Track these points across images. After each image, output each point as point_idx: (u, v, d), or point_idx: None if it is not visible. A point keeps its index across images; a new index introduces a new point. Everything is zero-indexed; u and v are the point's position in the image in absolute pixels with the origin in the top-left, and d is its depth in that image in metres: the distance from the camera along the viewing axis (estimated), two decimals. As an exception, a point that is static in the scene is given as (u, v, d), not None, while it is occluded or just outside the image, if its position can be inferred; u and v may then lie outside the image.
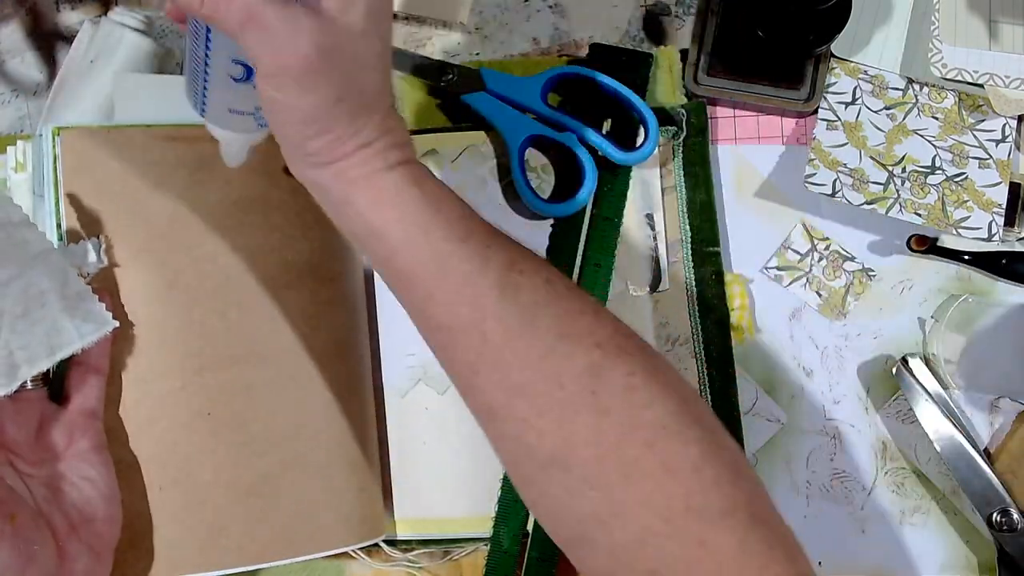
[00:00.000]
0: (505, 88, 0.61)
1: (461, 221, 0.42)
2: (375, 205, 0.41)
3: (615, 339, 0.42)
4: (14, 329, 0.46)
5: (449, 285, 0.41)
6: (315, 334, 0.56)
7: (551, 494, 0.41)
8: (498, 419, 0.42)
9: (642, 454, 0.40)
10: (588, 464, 0.40)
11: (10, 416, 0.48)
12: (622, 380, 0.41)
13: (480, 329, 0.41)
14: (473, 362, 0.42)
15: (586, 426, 0.40)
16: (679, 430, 0.40)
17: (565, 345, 0.41)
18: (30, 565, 0.45)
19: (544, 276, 0.42)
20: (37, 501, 0.48)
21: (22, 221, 0.49)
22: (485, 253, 0.41)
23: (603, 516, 0.40)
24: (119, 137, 0.53)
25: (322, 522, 0.55)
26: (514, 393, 0.41)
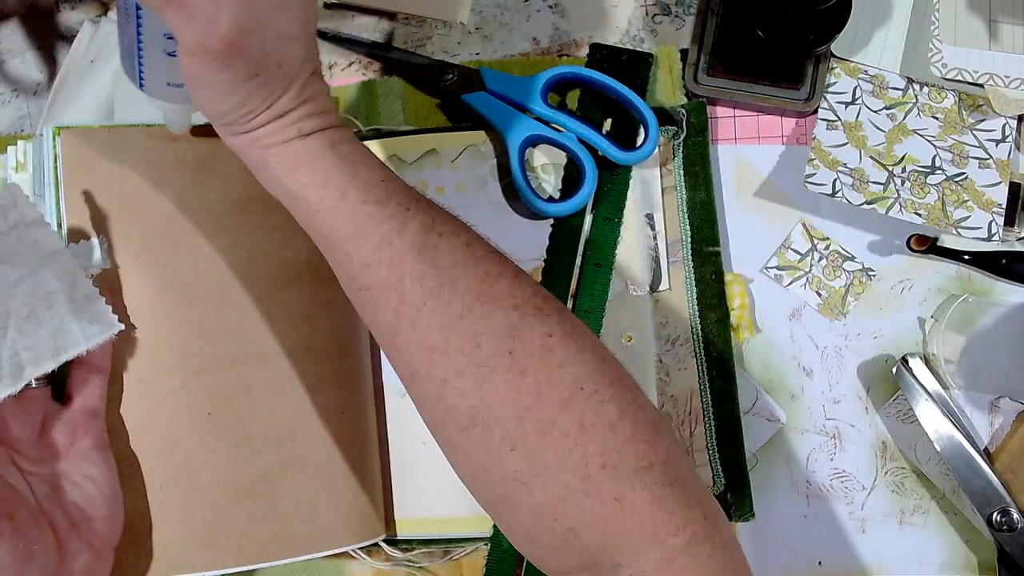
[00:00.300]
0: (505, 88, 0.61)
1: (380, 184, 0.42)
2: (290, 170, 0.42)
3: (533, 301, 0.43)
4: (20, 330, 0.46)
5: (367, 246, 0.42)
6: (315, 334, 0.56)
7: (474, 455, 0.42)
8: (418, 379, 0.43)
9: (559, 413, 0.41)
10: (507, 423, 0.41)
11: (14, 414, 0.48)
12: (539, 340, 0.41)
13: (398, 289, 0.42)
14: (392, 322, 0.42)
15: (504, 386, 0.41)
16: (596, 389, 0.41)
17: (483, 306, 0.41)
18: (29, 563, 0.45)
19: (464, 239, 0.43)
20: (38, 499, 0.48)
21: (35, 220, 0.49)
22: (404, 215, 0.42)
23: (524, 476, 0.41)
24: (119, 137, 0.53)
25: (322, 522, 0.55)
26: (433, 352, 0.42)
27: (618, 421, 0.41)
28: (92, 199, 0.52)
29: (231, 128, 0.42)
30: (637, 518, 0.40)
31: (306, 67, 0.42)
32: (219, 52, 0.38)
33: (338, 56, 0.65)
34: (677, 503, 0.41)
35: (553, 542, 0.42)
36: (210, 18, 0.37)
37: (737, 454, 0.59)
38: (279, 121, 0.42)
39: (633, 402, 0.42)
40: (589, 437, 0.41)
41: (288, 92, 0.41)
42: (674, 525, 0.41)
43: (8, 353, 0.46)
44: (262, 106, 0.41)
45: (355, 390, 0.58)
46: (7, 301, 0.47)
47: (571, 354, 0.42)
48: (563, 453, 0.41)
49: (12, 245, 0.48)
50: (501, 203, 0.62)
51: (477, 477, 0.44)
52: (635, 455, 0.41)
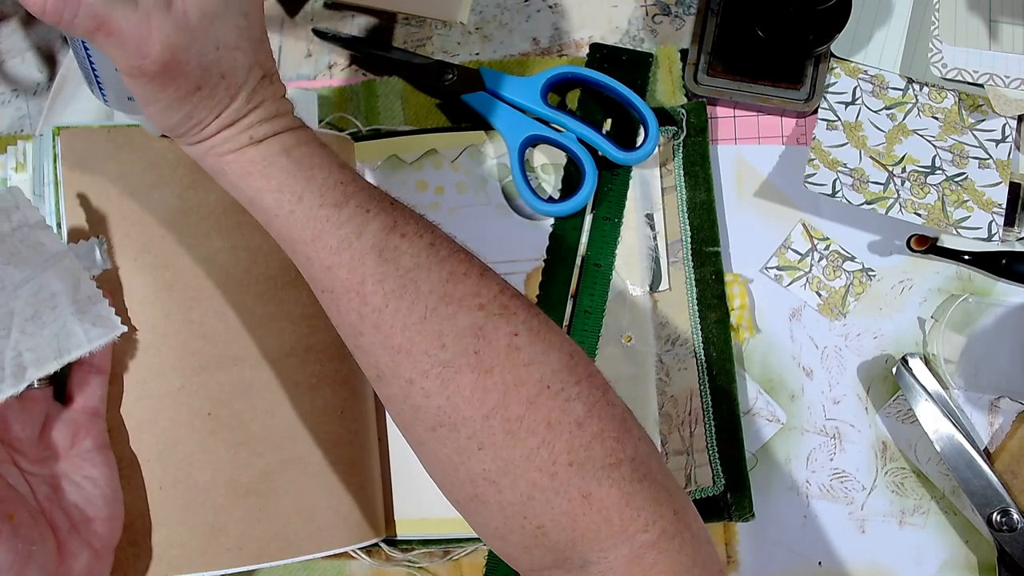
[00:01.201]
0: (505, 88, 0.61)
1: (337, 187, 0.42)
2: (245, 177, 0.42)
3: (499, 299, 0.42)
4: (24, 331, 0.47)
5: (325, 249, 0.42)
6: (315, 334, 0.56)
7: (442, 455, 0.42)
8: (385, 380, 0.43)
9: (526, 412, 0.41)
10: (474, 423, 0.41)
11: (15, 414, 0.48)
12: (505, 339, 0.41)
13: (360, 292, 0.42)
14: (356, 324, 0.42)
15: (470, 385, 0.41)
16: (562, 387, 0.41)
17: (447, 306, 0.41)
18: (29, 563, 0.45)
19: (428, 240, 0.43)
20: (39, 499, 0.48)
21: (38, 223, 0.49)
22: (363, 217, 0.42)
23: (492, 475, 0.41)
24: (119, 137, 0.53)
25: (322, 522, 0.55)
26: (397, 353, 0.41)
27: (585, 419, 0.41)
28: (92, 199, 0.52)
29: (184, 139, 0.43)
30: (605, 515, 0.40)
31: (254, 73, 0.42)
32: (155, 73, 0.38)
33: (338, 56, 0.65)
34: (646, 499, 0.41)
35: (523, 540, 0.42)
36: (141, 42, 0.37)
37: (737, 454, 0.59)
38: (229, 130, 0.42)
39: (601, 399, 0.42)
40: (556, 435, 0.41)
41: (235, 101, 0.41)
42: (643, 521, 0.41)
43: (11, 354, 0.46)
44: (210, 116, 0.41)
45: (355, 390, 0.58)
46: (10, 302, 0.47)
47: (537, 352, 0.42)
48: (530, 451, 0.41)
49: (15, 247, 0.48)
50: (501, 203, 0.62)
51: (446, 476, 0.43)
52: (603, 452, 0.41)
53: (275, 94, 0.43)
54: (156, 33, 0.37)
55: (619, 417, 0.43)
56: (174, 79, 0.39)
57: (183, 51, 0.38)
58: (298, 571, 0.60)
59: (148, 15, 0.37)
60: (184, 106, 0.40)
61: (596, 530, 0.41)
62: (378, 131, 0.63)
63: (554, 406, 0.41)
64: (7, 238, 0.48)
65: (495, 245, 0.61)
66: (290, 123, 0.43)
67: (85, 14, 0.37)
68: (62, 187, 0.52)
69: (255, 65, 0.41)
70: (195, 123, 0.41)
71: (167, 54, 0.38)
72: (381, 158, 0.62)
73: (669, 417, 0.60)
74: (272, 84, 0.43)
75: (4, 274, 0.47)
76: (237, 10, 0.40)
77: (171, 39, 0.38)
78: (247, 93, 0.41)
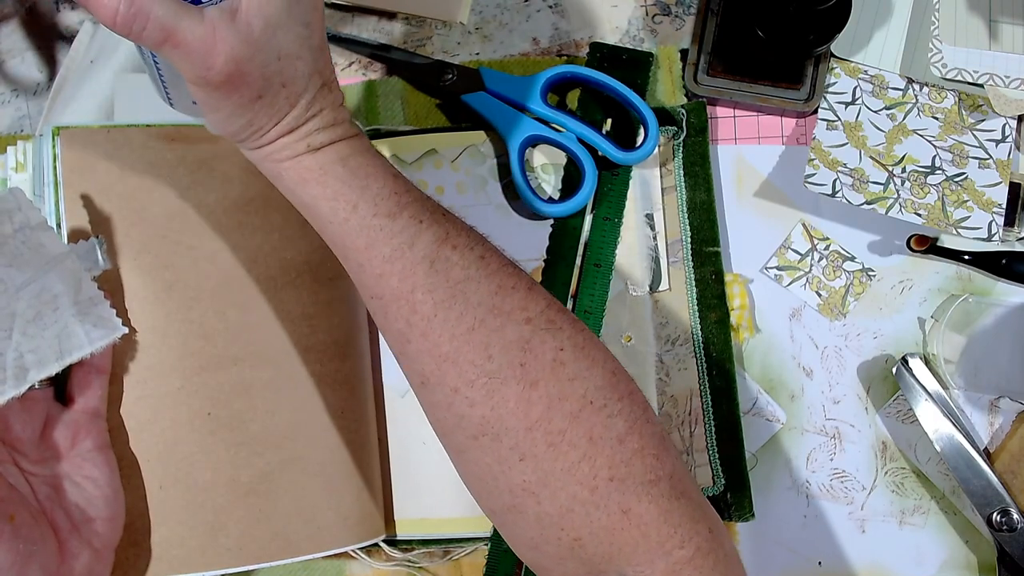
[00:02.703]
0: (505, 88, 0.61)
1: (392, 197, 0.43)
2: (301, 183, 0.43)
3: (546, 314, 0.43)
4: (25, 332, 0.47)
5: (378, 258, 0.43)
6: (315, 334, 0.56)
7: (482, 463, 0.43)
8: (429, 387, 0.43)
9: (569, 425, 0.41)
10: (517, 434, 0.42)
11: (16, 415, 0.48)
12: (551, 354, 0.42)
13: (409, 300, 0.42)
14: (404, 331, 0.43)
15: (515, 397, 0.42)
16: (604, 403, 0.42)
17: (495, 318, 0.42)
18: (30, 563, 0.45)
19: (479, 252, 0.43)
20: (40, 500, 0.48)
21: (40, 224, 0.49)
22: (416, 228, 0.43)
23: (532, 486, 0.42)
24: (119, 137, 0.53)
25: (322, 522, 0.55)
26: (444, 362, 0.42)
27: (626, 435, 0.42)
28: (92, 199, 0.52)
29: (244, 144, 0.44)
30: (643, 530, 0.41)
31: (313, 82, 0.42)
32: (219, 84, 0.39)
33: (338, 56, 0.65)
34: (683, 516, 0.42)
35: (559, 551, 0.43)
36: (206, 54, 0.38)
37: (737, 454, 0.59)
38: (288, 137, 0.42)
39: (641, 416, 0.43)
40: (598, 450, 0.41)
41: (295, 108, 0.42)
42: (680, 538, 0.41)
43: (13, 355, 0.46)
44: (270, 123, 0.42)
45: (355, 390, 0.58)
46: (12, 304, 0.47)
47: (582, 368, 0.42)
48: (572, 465, 0.41)
49: (17, 248, 0.48)
50: (501, 203, 0.62)
51: (485, 485, 0.44)
52: (643, 468, 0.42)
53: (334, 102, 0.43)
54: (221, 45, 0.38)
55: (658, 435, 0.43)
56: (237, 88, 0.40)
57: (246, 62, 0.39)
58: (298, 571, 0.60)
59: (214, 27, 0.38)
60: (246, 114, 0.41)
61: (634, 545, 0.41)
62: (378, 131, 0.63)
63: (596, 421, 0.42)
64: (9, 240, 0.48)
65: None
66: (347, 131, 0.44)
67: (153, 27, 0.37)
68: (62, 187, 0.52)
69: (315, 74, 0.42)
70: (255, 130, 0.42)
71: (231, 65, 0.39)
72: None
73: (669, 417, 0.60)
74: (331, 93, 0.43)
75: (6, 276, 0.47)
76: (299, 20, 0.40)
77: (235, 51, 0.38)
78: (306, 101, 0.42)
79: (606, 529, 0.41)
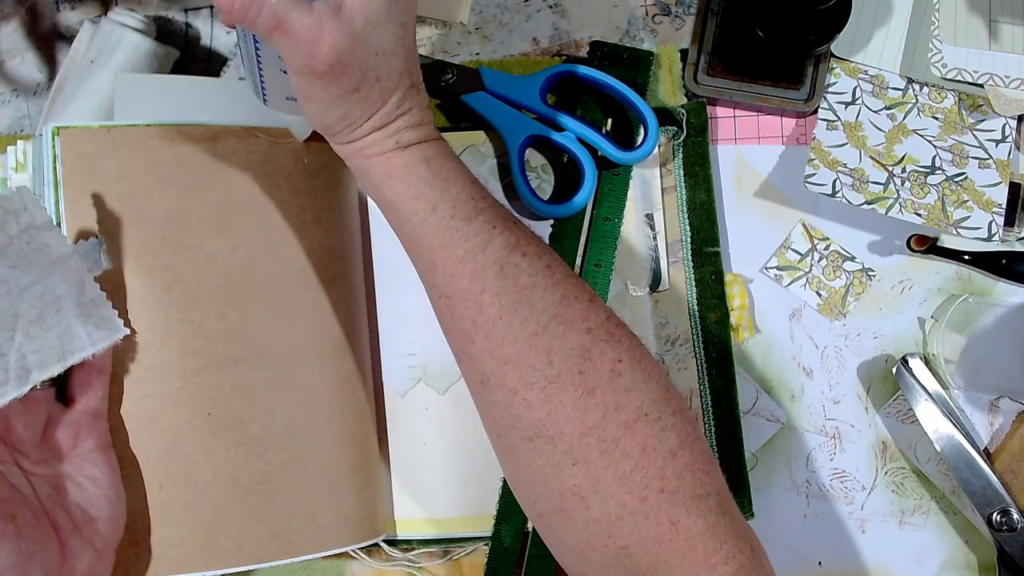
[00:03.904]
0: (505, 88, 0.61)
1: (470, 201, 0.45)
2: (387, 180, 0.45)
3: (606, 326, 0.45)
4: (28, 333, 0.47)
5: (451, 258, 0.44)
6: (315, 334, 0.56)
7: (535, 465, 0.44)
8: (489, 386, 0.44)
9: (623, 435, 0.42)
10: (572, 439, 0.43)
11: (18, 415, 0.48)
12: (609, 364, 0.43)
13: (477, 301, 0.44)
14: (469, 331, 0.44)
15: (572, 403, 0.43)
16: (659, 416, 0.43)
17: (558, 326, 0.44)
18: (31, 563, 0.45)
19: (546, 262, 0.45)
20: (41, 500, 0.48)
21: (45, 224, 0.49)
22: (489, 233, 0.44)
23: (583, 491, 0.43)
24: (119, 137, 0.53)
25: (322, 522, 0.55)
26: (505, 364, 0.44)
27: (678, 449, 0.43)
28: (91, 199, 0.52)
29: (336, 138, 0.45)
30: (691, 543, 0.42)
31: (404, 80, 0.44)
32: (322, 72, 0.41)
33: (338, 56, 0.65)
34: (728, 533, 0.43)
35: (604, 558, 0.43)
36: (312, 43, 0.40)
37: (737, 454, 0.59)
38: (379, 132, 0.44)
39: (692, 432, 0.44)
40: (650, 461, 0.42)
41: (387, 104, 0.44)
42: (724, 553, 0.42)
43: (15, 356, 0.46)
44: (363, 117, 0.44)
45: (355, 390, 0.58)
46: (16, 304, 0.47)
47: (638, 380, 0.44)
48: (624, 473, 0.42)
49: (22, 249, 0.48)
50: (501, 203, 0.62)
51: (534, 487, 0.45)
52: (693, 483, 0.43)
53: (421, 103, 0.46)
54: (326, 36, 0.40)
55: (707, 452, 0.45)
56: (337, 79, 0.42)
57: (347, 54, 0.41)
58: (298, 571, 0.60)
59: (321, 19, 0.40)
60: (342, 105, 0.43)
61: (680, 557, 0.42)
62: (378, 131, 0.63)
63: (650, 433, 0.43)
64: (14, 240, 0.48)
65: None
66: (432, 133, 0.46)
67: (267, 14, 0.40)
68: (62, 187, 0.52)
69: (406, 72, 0.44)
70: (349, 123, 0.44)
71: (333, 56, 0.41)
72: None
73: (669, 417, 0.60)
74: (419, 93, 0.45)
75: (10, 277, 0.47)
76: (396, 20, 0.42)
77: (339, 42, 0.40)
78: (397, 98, 0.44)
79: (654, 539, 0.42)
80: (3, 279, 0.47)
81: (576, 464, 0.43)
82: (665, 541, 0.42)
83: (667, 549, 0.42)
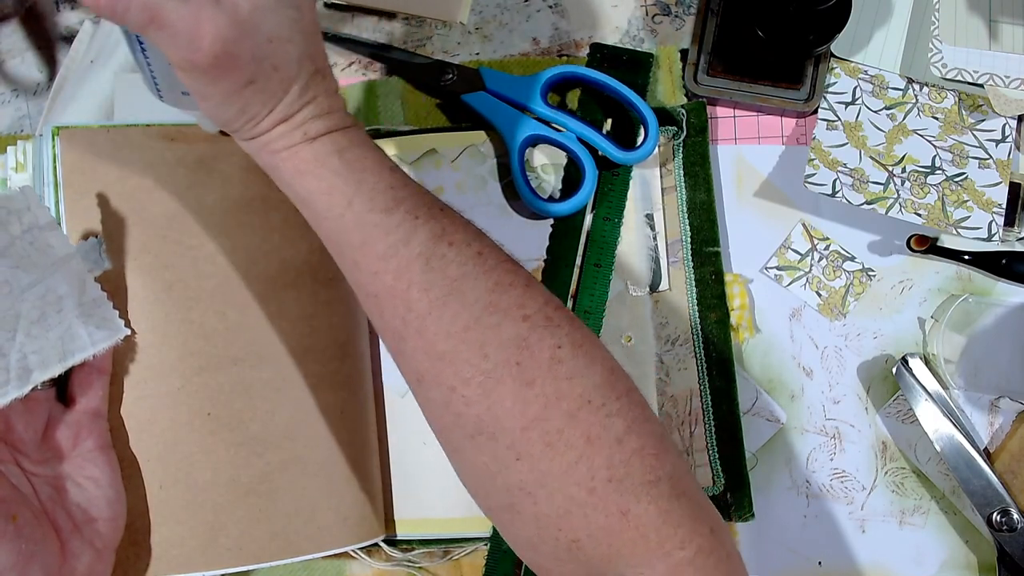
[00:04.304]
0: (505, 88, 0.61)
1: (388, 191, 0.42)
2: (298, 175, 0.42)
3: (544, 311, 0.42)
4: (29, 334, 0.47)
5: (373, 255, 0.42)
6: (315, 334, 0.56)
7: (479, 463, 0.42)
8: (425, 385, 0.43)
9: (566, 425, 0.41)
10: (513, 433, 0.41)
11: (19, 416, 0.48)
12: (548, 352, 0.41)
13: (405, 298, 0.42)
14: (399, 329, 0.42)
15: (511, 396, 0.41)
16: (603, 403, 0.41)
17: (492, 316, 0.41)
18: (31, 563, 0.45)
19: (476, 249, 0.43)
20: (41, 500, 0.48)
21: (48, 224, 0.49)
22: (412, 224, 0.42)
23: (529, 486, 0.41)
24: (119, 137, 0.53)
25: (322, 522, 0.55)
26: (440, 361, 0.42)
27: (625, 435, 0.41)
28: (91, 199, 0.52)
29: (239, 134, 0.42)
30: (643, 531, 0.40)
31: (305, 67, 0.41)
32: (208, 66, 0.38)
33: (338, 56, 0.65)
34: (683, 516, 0.41)
35: (556, 552, 0.42)
36: (192, 35, 0.37)
37: (737, 454, 0.59)
38: (284, 125, 0.41)
39: (640, 416, 0.42)
40: (596, 450, 0.41)
41: (288, 94, 0.41)
42: (680, 538, 0.41)
43: (16, 356, 0.46)
44: (264, 110, 0.41)
45: (355, 390, 0.58)
46: (17, 305, 0.47)
47: (580, 367, 0.42)
48: (569, 465, 0.41)
49: (24, 249, 0.48)
50: (501, 203, 0.62)
51: (482, 485, 0.43)
52: (642, 469, 0.41)
53: (328, 89, 0.42)
54: (207, 25, 0.37)
55: (657, 434, 0.43)
56: (227, 72, 0.39)
57: (234, 43, 0.38)
58: (298, 571, 0.60)
59: (199, 8, 0.37)
60: (238, 100, 0.40)
61: (633, 546, 0.41)
62: (378, 131, 0.63)
63: (594, 421, 0.41)
64: (17, 241, 0.48)
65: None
66: (343, 121, 0.43)
67: (138, 7, 0.37)
68: (62, 187, 0.52)
69: (306, 58, 0.41)
70: (249, 117, 0.41)
71: (218, 46, 0.38)
72: (381, 158, 0.62)
73: (669, 417, 0.60)
74: (325, 80, 0.42)
75: (12, 277, 0.47)
76: (288, 3, 0.40)
77: (222, 31, 0.38)
78: (300, 87, 0.41)
79: (604, 531, 0.41)
80: (5, 279, 0.47)
81: (520, 459, 0.41)
82: (616, 531, 0.40)
83: (619, 539, 0.41)
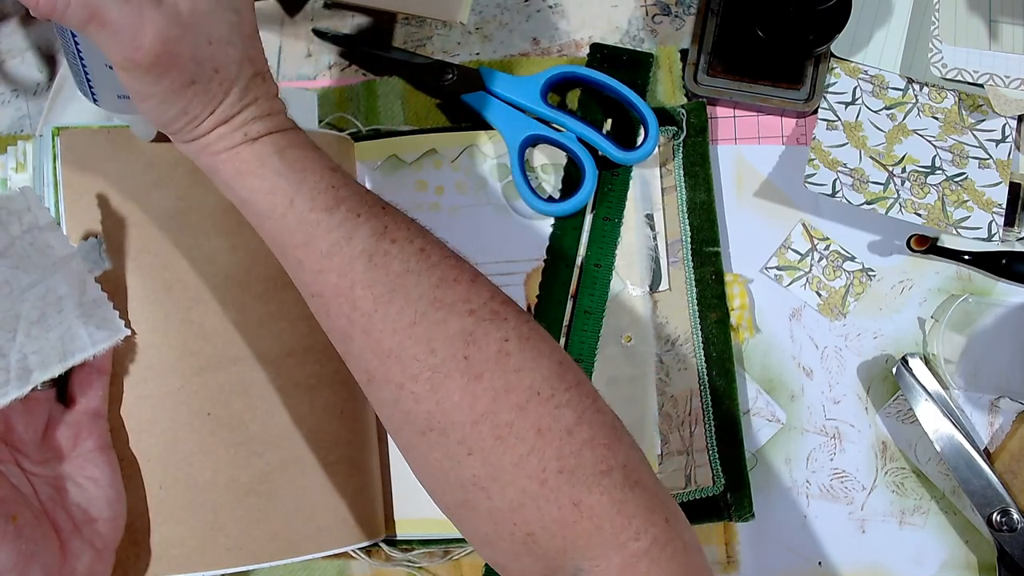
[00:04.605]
0: (505, 88, 0.61)
1: (329, 191, 0.42)
2: (239, 176, 0.42)
3: (490, 306, 0.42)
4: (29, 334, 0.47)
5: (316, 254, 0.42)
6: (315, 334, 0.56)
7: (432, 459, 0.42)
8: (375, 384, 0.43)
9: (515, 418, 0.41)
10: (463, 428, 0.41)
11: (19, 416, 0.48)
12: (495, 345, 0.41)
13: (349, 296, 0.42)
14: (346, 328, 0.42)
15: (459, 390, 0.41)
16: (552, 394, 0.41)
17: (437, 311, 0.41)
18: (32, 563, 0.45)
19: (419, 245, 0.43)
20: (42, 500, 0.48)
21: (48, 224, 0.49)
22: (354, 222, 0.42)
23: (481, 481, 0.41)
24: (119, 137, 0.53)
25: (322, 522, 0.55)
26: (387, 358, 0.42)
27: (575, 425, 0.41)
28: (91, 199, 0.52)
29: (179, 136, 0.43)
30: (597, 522, 0.40)
31: (245, 69, 0.42)
32: (149, 65, 0.39)
33: (338, 56, 0.65)
34: (638, 507, 0.41)
35: (513, 546, 0.42)
36: (133, 33, 0.38)
37: (737, 454, 0.59)
38: (224, 127, 0.42)
39: (591, 406, 0.42)
40: (546, 442, 0.40)
41: (229, 96, 0.41)
42: (635, 529, 0.40)
43: (16, 357, 0.46)
44: (204, 112, 0.41)
45: (354, 390, 0.58)
46: (17, 305, 0.47)
47: (527, 359, 0.42)
48: (520, 458, 0.40)
49: (25, 250, 0.48)
50: (501, 203, 0.62)
51: (436, 481, 0.43)
52: (593, 459, 0.41)
53: (268, 92, 0.43)
54: (148, 24, 0.38)
55: (609, 424, 0.42)
56: (167, 72, 0.39)
57: (175, 43, 0.38)
58: (298, 571, 0.60)
59: (140, 6, 0.38)
60: (179, 101, 0.40)
61: (587, 538, 0.40)
62: (378, 131, 0.63)
63: (544, 412, 0.41)
64: (17, 241, 0.48)
65: (495, 245, 0.61)
66: (283, 123, 0.43)
67: (77, 4, 0.37)
68: (62, 187, 0.52)
69: (247, 61, 0.42)
70: (190, 119, 0.41)
71: (159, 45, 0.38)
72: (381, 158, 0.62)
73: (669, 417, 0.60)
74: (264, 82, 0.43)
75: (12, 277, 0.47)
76: (228, 6, 0.40)
77: (163, 31, 0.38)
78: (240, 89, 0.42)
79: (558, 522, 0.40)
80: (5, 280, 0.47)
81: (472, 453, 0.41)
82: (569, 523, 0.40)
83: (573, 531, 0.40)
